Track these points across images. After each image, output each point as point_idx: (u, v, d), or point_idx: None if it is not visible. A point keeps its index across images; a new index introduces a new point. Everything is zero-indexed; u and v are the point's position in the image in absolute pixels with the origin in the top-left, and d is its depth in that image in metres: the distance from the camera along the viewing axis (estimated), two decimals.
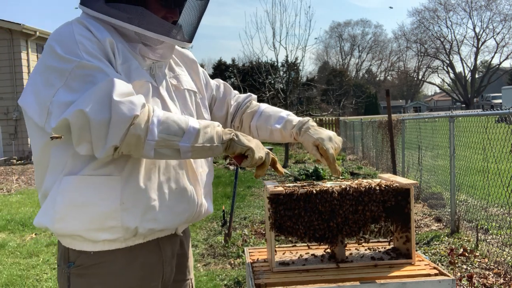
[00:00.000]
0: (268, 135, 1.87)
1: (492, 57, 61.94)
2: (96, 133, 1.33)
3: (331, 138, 1.74)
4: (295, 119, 1.83)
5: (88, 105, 1.31)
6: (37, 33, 16.16)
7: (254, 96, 2.00)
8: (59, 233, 1.50)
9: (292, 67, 16.03)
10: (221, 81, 1.98)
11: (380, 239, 2.02)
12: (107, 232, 1.45)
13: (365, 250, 1.97)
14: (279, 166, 1.66)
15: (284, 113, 1.87)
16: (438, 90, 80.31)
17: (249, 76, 19.77)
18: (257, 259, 1.96)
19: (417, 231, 5.77)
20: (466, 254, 4.61)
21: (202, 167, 1.69)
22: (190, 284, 1.78)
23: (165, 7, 1.56)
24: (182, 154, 1.42)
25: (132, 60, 1.50)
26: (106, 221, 1.44)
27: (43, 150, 1.47)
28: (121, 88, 1.35)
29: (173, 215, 1.55)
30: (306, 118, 1.81)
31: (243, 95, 1.99)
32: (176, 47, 1.74)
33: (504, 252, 4.51)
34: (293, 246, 2.04)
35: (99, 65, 1.38)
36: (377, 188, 1.80)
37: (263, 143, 1.67)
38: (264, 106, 1.94)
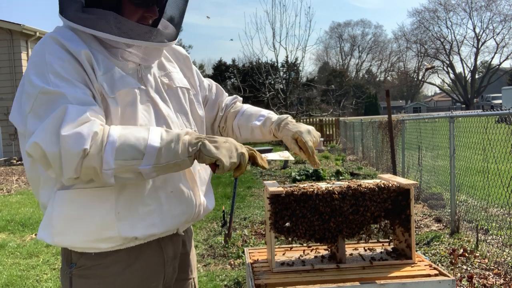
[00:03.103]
0: (250, 133, 1.87)
1: (492, 58, 61.90)
2: (53, 164, 1.32)
3: (309, 131, 1.75)
4: (274, 116, 1.84)
5: (42, 137, 1.30)
6: (37, 33, 16.16)
7: (240, 98, 2.01)
8: (59, 245, 1.52)
9: (292, 67, 16.04)
10: (213, 82, 1.98)
11: (380, 240, 2.02)
12: (105, 242, 1.46)
13: (365, 250, 1.97)
14: (259, 160, 1.58)
15: (264, 111, 1.89)
16: (438, 91, 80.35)
17: (249, 77, 19.77)
18: (257, 259, 1.96)
19: (417, 232, 5.77)
20: (466, 255, 4.61)
21: (200, 164, 1.66)
22: (193, 283, 1.77)
23: (141, 7, 1.52)
24: (145, 176, 1.38)
25: (113, 69, 1.47)
26: (103, 232, 1.45)
27: (33, 164, 1.48)
28: (72, 117, 1.31)
29: (172, 219, 1.55)
30: (285, 115, 1.82)
31: (230, 97, 2.00)
32: None
33: (504, 253, 4.51)
34: (293, 247, 2.04)
35: (64, 90, 1.35)
36: (377, 188, 1.80)
37: (252, 143, 1.65)
38: (247, 106, 1.95)
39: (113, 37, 1.45)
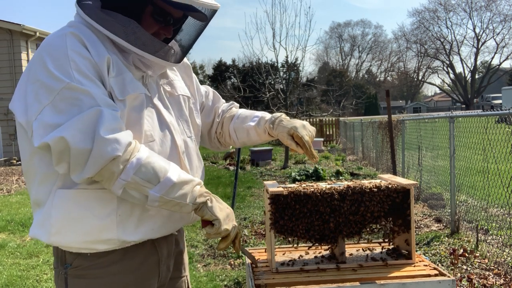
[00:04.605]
0: (246, 135, 1.88)
1: (492, 58, 61.96)
2: (75, 160, 1.34)
3: (304, 126, 1.76)
4: (268, 115, 1.85)
5: (71, 133, 1.31)
6: (37, 33, 16.15)
7: (236, 104, 2.02)
8: (55, 245, 1.51)
9: (292, 67, 16.03)
10: (209, 88, 2.00)
11: (380, 240, 2.02)
12: (103, 244, 1.47)
13: (365, 250, 1.98)
14: (237, 242, 1.60)
15: (259, 113, 1.90)
16: (438, 91, 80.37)
17: (249, 77, 19.76)
18: (257, 259, 1.96)
19: (417, 232, 5.76)
20: (466, 255, 4.61)
21: (197, 172, 1.70)
22: (186, 281, 1.79)
23: (159, 24, 1.54)
24: (149, 202, 1.42)
25: (126, 73, 1.49)
26: (102, 234, 1.45)
27: (31, 157, 1.48)
28: (109, 122, 1.34)
29: (170, 224, 1.58)
30: (279, 113, 1.83)
31: (226, 104, 2.01)
32: None
33: (504, 253, 4.51)
34: (293, 247, 2.04)
35: (89, 89, 1.36)
36: (377, 188, 1.80)
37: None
38: (242, 110, 1.96)
39: (128, 45, 1.47)
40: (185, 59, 1.82)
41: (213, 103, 1.95)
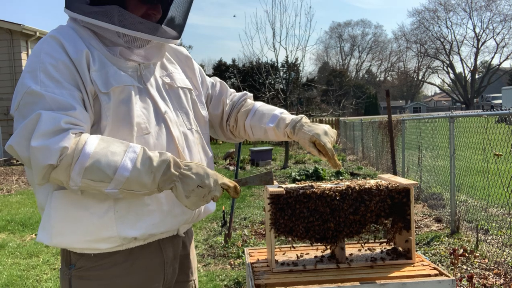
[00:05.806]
0: (263, 134, 1.84)
1: (492, 58, 62.05)
2: (28, 167, 1.36)
3: (326, 132, 1.72)
4: (288, 117, 1.80)
5: (16, 141, 1.33)
6: (37, 33, 16.15)
7: (250, 95, 1.97)
8: (58, 246, 1.51)
9: (292, 67, 16.02)
10: (217, 79, 1.95)
11: (380, 239, 2.02)
12: (105, 242, 1.46)
13: (365, 250, 1.97)
14: (232, 193, 1.51)
15: (277, 111, 1.84)
16: (438, 91, 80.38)
17: (249, 77, 19.77)
18: (257, 259, 1.96)
19: (417, 232, 5.76)
20: (466, 255, 4.61)
21: None
22: (193, 286, 1.77)
23: (146, 3, 1.53)
24: (111, 196, 1.40)
25: (109, 66, 1.47)
26: (102, 232, 1.44)
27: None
28: (45, 126, 1.30)
29: (172, 218, 1.54)
30: (300, 116, 1.78)
31: (238, 94, 1.96)
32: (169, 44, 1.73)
33: (504, 253, 4.51)
34: (293, 247, 2.03)
35: (45, 91, 1.35)
36: (377, 188, 1.80)
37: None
38: (259, 105, 1.91)
39: (113, 27, 1.46)
40: (184, 52, 1.81)
41: (220, 94, 1.91)
